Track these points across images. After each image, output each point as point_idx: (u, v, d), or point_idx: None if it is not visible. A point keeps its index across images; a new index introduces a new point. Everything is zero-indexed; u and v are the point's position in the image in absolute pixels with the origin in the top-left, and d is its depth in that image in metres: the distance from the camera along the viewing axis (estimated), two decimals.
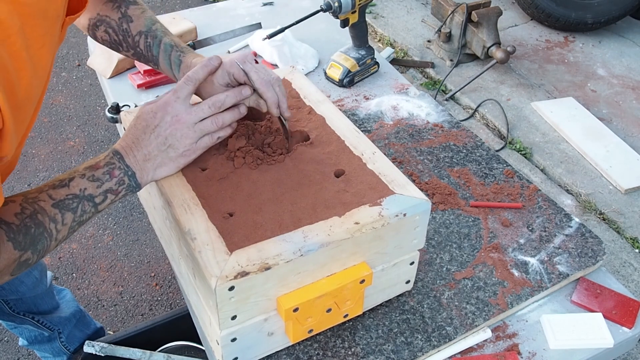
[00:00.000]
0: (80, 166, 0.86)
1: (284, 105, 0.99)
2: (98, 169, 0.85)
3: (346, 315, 0.97)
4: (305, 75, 1.51)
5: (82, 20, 1.08)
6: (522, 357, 0.99)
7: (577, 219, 1.22)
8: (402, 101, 1.53)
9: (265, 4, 1.97)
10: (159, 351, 1.65)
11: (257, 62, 0.98)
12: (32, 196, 0.79)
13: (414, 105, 1.52)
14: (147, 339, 1.66)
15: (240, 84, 0.98)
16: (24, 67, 0.64)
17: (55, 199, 0.80)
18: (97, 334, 1.88)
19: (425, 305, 1.05)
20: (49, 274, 1.65)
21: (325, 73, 1.63)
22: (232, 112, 0.95)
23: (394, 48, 3.36)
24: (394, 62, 3.21)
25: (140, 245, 2.42)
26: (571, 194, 2.53)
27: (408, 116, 1.48)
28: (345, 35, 1.65)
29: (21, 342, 1.78)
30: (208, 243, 0.84)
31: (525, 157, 2.69)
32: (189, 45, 1.63)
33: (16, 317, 1.62)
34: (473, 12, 3.00)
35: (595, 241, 1.17)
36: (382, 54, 3.14)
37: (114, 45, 1.08)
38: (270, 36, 1.51)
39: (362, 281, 0.92)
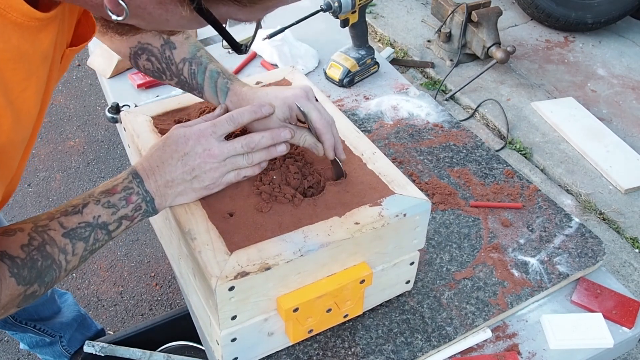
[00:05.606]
0: (97, 189, 0.81)
1: (340, 148, 0.96)
2: (115, 194, 0.81)
3: (346, 315, 0.97)
4: (305, 75, 1.51)
5: (122, 49, 1.03)
6: (522, 357, 0.99)
7: (577, 219, 1.22)
8: (402, 101, 1.53)
9: None
10: (159, 351, 1.65)
11: (317, 99, 0.95)
12: (42, 224, 0.75)
13: (414, 105, 1.52)
14: (147, 339, 1.66)
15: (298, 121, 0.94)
16: (2, 113, 0.60)
17: (66, 228, 0.76)
18: (97, 336, 1.87)
19: (425, 305, 1.05)
20: None
21: (325, 73, 1.63)
22: (267, 150, 0.90)
23: (394, 48, 3.36)
24: (394, 62, 3.21)
25: (140, 245, 2.42)
26: (571, 194, 2.53)
27: (408, 116, 1.48)
28: (345, 35, 1.65)
29: (22, 346, 1.79)
30: (208, 243, 0.84)
31: (525, 157, 2.69)
32: None
33: (18, 326, 1.63)
34: (473, 12, 3.00)
35: (595, 241, 1.17)
36: (382, 54, 3.14)
37: (156, 74, 1.03)
38: (270, 36, 1.51)
39: (362, 281, 0.92)
